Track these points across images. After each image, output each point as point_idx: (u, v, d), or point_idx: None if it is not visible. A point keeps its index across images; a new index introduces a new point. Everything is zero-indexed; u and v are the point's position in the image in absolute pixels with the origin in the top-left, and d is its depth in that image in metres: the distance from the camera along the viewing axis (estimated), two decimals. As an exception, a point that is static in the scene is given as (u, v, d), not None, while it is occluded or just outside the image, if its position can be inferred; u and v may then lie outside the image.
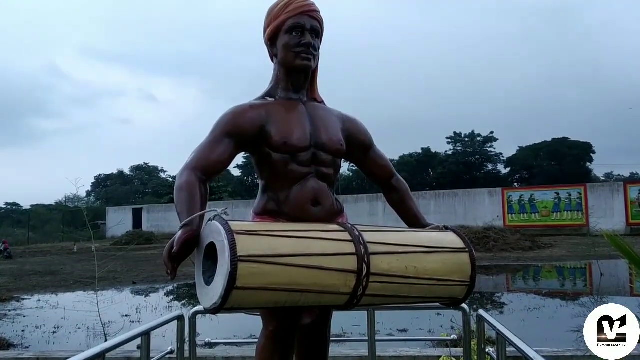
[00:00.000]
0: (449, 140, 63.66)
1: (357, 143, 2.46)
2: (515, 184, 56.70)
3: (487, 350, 2.92)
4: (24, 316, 9.41)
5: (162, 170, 72.24)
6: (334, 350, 4.99)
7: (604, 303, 7.21)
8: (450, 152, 62.83)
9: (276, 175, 2.24)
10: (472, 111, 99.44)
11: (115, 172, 75.96)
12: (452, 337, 3.89)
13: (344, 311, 2.17)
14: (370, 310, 3.10)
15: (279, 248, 1.83)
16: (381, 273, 1.96)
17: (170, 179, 49.42)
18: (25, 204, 59.27)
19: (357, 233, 2.01)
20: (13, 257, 22.66)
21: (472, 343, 3.20)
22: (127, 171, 75.68)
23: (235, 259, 1.70)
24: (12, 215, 55.87)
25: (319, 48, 2.36)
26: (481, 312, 2.91)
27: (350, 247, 1.95)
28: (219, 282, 1.74)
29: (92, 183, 74.76)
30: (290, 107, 2.30)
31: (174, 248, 1.84)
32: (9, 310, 10.05)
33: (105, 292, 10.80)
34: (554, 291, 11.21)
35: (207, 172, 2.11)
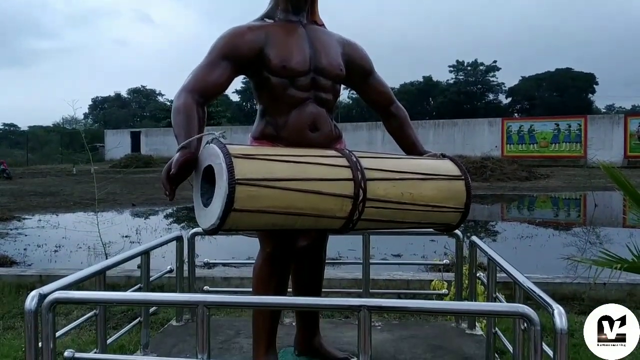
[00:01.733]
0: (451, 68, 62.70)
1: (357, 68, 2.42)
2: (516, 114, 56.29)
3: (478, 275, 3.00)
4: (26, 235, 9.58)
5: (160, 94, 71.53)
6: (329, 272, 5.13)
7: (597, 233, 7.36)
8: (451, 81, 61.99)
9: (275, 100, 2.22)
10: (476, 39, 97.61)
11: (112, 94, 75.15)
12: (444, 262, 3.98)
13: (339, 235, 2.21)
14: (365, 235, 3.16)
15: (276, 172, 1.84)
16: (377, 199, 1.99)
17: (168, 103, 48.89)
18: (23, 125, 59.09)
19: (354, 159, 2.02)
20: (12, 178, 22.80)
21: (464, 268, 3.28)
22: (124, 94, 74.86)
23: (233, 182, 1.72)
24: (10, 136, 55.70)
25: (320, -33, 2.28)
26: (474, 238, 2.96)
27: (347, 173, 1.96)
28: (217, 204, 1.76)
29: (89, 105, 74.11)
30: (290, 30, 2.25)
31: (172, 170, 1.85)
32: (11, 229, 10.22)
33: (105, 214, 10.94)
34: (547, 221, 11.40)
35: (204, 94, 2.09)
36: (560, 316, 1.60)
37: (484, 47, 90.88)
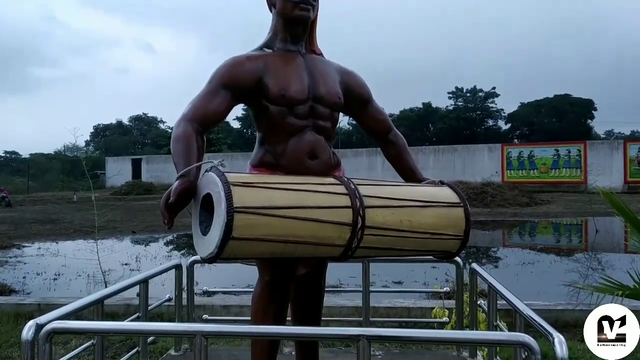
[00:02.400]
0: (451, 95, 63.11)
1: (355, 97, 2.44)
2: (516, 140, 56.42)
3: (478, 302, 2.98)
4: (25, 263, 9.53)
5: (161, 121, 71.94)
6: (329, 300, 5.10)
7: (598, 259, 7.33)
8: (451, 107, 62.34)
9: (273, 128, 2.23)
10: (475, 66, 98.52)
11: (114, 122, 75.60)
12: (445, 289, 3.95)
13: (339, 262, 2.20)
14: (365, 262, 3.15)
15: (275, 200, 1.84)
16: (376, 226, 1.98)
17: (169, 130, 49.06)
18: (25, 153, 59.39)
19: (352, 186, 2.02)
20: (13, 205, 22.79)
21: (465, 295, 3.26)
22: (125, 121, 75.31)
23: (231, 210, 1.72)
24: (12, 163, 55.97)
25: (318, -2, 2.32)
26: (474, 265, 2.96)
27: (345, 201, 1.96)
28: (215, 233, 1.76)
29: (90, 133, 74.43)
30: (289, 59, 2.28)
31: (171, 198, 1.86)
32: (10, 257, 10.17)
33: (105, 241, 10.91)
34: (548, 247, 11.33)
35: (203, 123, 2.11)
36: (560, 345, 1.59)
37: (482, 74, 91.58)
